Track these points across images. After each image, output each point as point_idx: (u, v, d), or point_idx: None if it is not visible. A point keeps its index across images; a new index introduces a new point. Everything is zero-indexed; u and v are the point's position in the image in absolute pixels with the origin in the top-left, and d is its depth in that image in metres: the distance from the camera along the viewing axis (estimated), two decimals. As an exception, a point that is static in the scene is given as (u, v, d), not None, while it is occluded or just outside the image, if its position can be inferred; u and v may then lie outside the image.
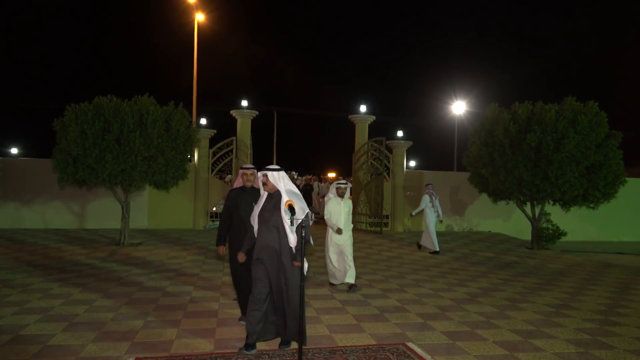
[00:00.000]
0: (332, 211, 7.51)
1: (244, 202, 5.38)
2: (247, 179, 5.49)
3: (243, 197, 5.43)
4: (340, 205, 7.54)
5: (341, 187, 7.60)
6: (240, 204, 5.38)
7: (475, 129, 13.15)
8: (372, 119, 16.59)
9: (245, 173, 5.51)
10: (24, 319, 5.60)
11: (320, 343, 4.92)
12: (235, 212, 5.41)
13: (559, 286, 8.26)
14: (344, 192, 7.61)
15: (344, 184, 7.63)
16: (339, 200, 7.56)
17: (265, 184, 4.59)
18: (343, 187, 7.61)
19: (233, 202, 5.47)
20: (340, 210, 7.52)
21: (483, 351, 4.83)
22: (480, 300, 7.01)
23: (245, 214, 5.16)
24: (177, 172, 11.35)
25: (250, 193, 5.43)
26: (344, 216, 7.51)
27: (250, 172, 5.52)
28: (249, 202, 5.28)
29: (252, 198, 5.23)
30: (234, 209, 5.45)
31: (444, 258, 10.98)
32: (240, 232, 5.25)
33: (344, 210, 7.54)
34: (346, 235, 7.50)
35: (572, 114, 11.53)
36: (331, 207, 7.54)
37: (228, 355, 4.53)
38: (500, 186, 12.25)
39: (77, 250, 10.60)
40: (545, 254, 12.19)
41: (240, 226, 5.30)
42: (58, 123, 10.93)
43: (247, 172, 5.51)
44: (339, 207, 7.53)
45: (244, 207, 5.33)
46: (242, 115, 15.61)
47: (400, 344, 4.95)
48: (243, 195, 5.45)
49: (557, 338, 5.32)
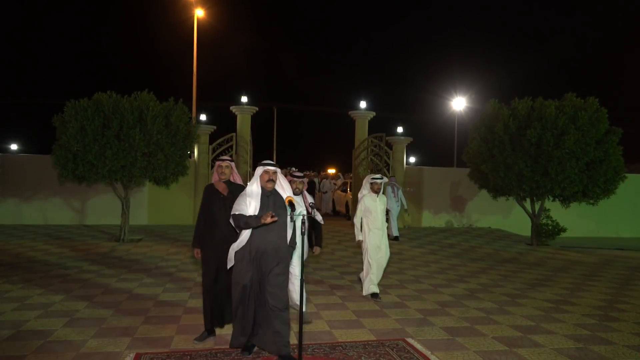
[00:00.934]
0: (369, 208, 6.75)
1: (218, 199, 4.87)
2: (222, 172, 4.91)
3: (218, 193, 4.90)
4: (376, 202, 6.78)
5: (377, 183, 6.80)
6: (215, 202, 4.86)
7: (475, 125, 13.14)
8: (372, 115, 16.58)
9: (221, 165, 4.92)
10: (25, 314, 5.62)
11: (320, 339, 4.94)
12: (209, 209, 4.91)
13: (559, 282, 8.27)
14: (380, 187, 6.83)
15: (379, 178, 6.81)
16: (374, 197, 6.79)
17: (273, 181, 4.30)
18: (379, 182, 6.80)
19: (208, 199, 4.94)
20: (376, 207, 6.76)
21: (482, 347, 4.84)
22: (480, 296, 7.02)
23: (219, 212, 4.80)
24: (177, 168, 11.35)
25: (227, 188, 4.93)
26: (380, 214, 6.78)
27: (226, 165, 4.94)
28: (225, 199, 4.85)
29: (229, 195, 4.82)
30: (208, 207, 4.94)
31: (444, 254, 11.00)
32: (213, 231, 4.82)
33: (380, 208, 6.80)
34: (384, 237, 6.84)
35: (572, 110, 11.51)
36: (367, 203, 6.77)
37: (228, 351, 4.54)
38: (500, 182, 12.25)
39: (77, 247, 10.61)
40: (544, 250, 12.21)
41: (213, 225, 4.83)
42: (58, 119, 10.93)
43: (223, 165, 4.92)
44: (374, 205, 6.77)
45: (218, 204, 4.84)
46: (242, 111, 15.60)
47: (400, 340, 4.96)
48: (217, 192, 4.91)
49: (556, 334, 5.33)
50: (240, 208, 4.21)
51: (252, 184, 4.32)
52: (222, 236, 4.74)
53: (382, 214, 6.80)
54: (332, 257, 10.05)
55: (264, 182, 4.28)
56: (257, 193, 4.28)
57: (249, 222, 4.12)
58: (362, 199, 6.83)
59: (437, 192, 16.57)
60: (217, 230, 4.78)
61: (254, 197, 4.26)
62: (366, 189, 6.88)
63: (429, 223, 16.47)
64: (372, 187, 6.82)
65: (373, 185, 6.81)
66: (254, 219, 4.10)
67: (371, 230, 6.74)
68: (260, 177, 4.29)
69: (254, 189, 4.30)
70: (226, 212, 4.66)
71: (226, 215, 4.63)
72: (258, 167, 4.36)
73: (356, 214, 6.88)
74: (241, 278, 4.24)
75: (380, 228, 6.74)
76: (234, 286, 4.30)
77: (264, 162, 4.37)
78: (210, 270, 4.82)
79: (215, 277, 4.81)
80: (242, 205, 4.22)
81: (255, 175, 4.36)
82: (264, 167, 4.30)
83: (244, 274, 4.24)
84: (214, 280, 4.81)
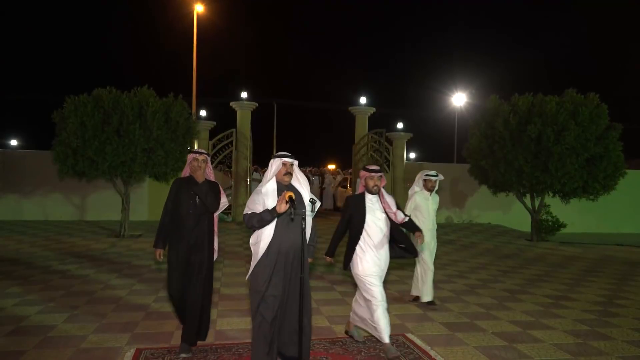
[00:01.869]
0: (420, 207, 6.09)
1: (190, 195, 4.35)
2: (198, 166, 4.36)
3: (187, 189, 4.37)
4: (428, 201, 6.12)
5: (431, 180, 6.11)
6: (187, 198, 4.34)
7: (475, 121, 13.14)
8: (372, 111, 16.56)
9: (197, 159, 4.37)
10: (25, 310, 5.63)
11: (320, 334, 4.95)
12: (179, 206, 4.36)
13: (558, 278, 8.28)
14: (435, 185, 6.16)
15: (434, 175, 6.12)
16: (426, 195, 6.13)
17: (291, 174, 3.86)
18: (434, 179, 6.12)
19: (179, 194, 4.38)
20: (428, 206, 6.11)
21: (482, 342, 4.85)
22: (480, 292, 7.03)
23: (192, 210, 4.31)
24: (177, 164, 11.34)
25: (198, 185, 4.36)
26: (431, 214, 6.15)
27: (203, 159, 4.38)
28: (193, 195, 4.34)
29: (200, 191, 4.32)
30: (178, 203, 4.37)
31: (444, 249, 11.01)
32: (182, 232, 4.32)
33: (432, 208, 6.17)
34: (433, 240, 6.25)
35: (572, 105, 11.51)
36: (419, 201, 6.11)
37: (228, 346, 4.55)
38: (500, 178, 12.25)
39: (77, 242, 10.62)
40: (544, 246, 12.22)
41: (180, 225, 4.33)
42: (57, 115, 10.92)
43: (199, 158, 4.36)
44: (426, 203, 6.11)
45: (190, 201, 4.33)
46: (242, 107, 15.57)
47: (400, 335, 4.97)
48: (188, 187, 4.38)
49: (555, 329, 5.34)
50: (255, 207, 3.74)
51: (267, 180, 3.84)
52: (192, 238, 4.31)
53: (433, 214, 6.19)
54: (332, 253, 10.03)
55: (280, 176, 3.83)
56: (273, 189, 3.80)
57: (263, 218, 3.67)
58: (413, 196, 6.19)
59: (437, 188, 16.55)
60: (186, 231, 4.30)
61: (269, 194, 3.77)
62: (418, 186, 6.22)
63: (429, 219, 16.44)
64: (425, 185, 6.17)
65: (427, 183, 6.15)
66: (267, 213, 3.66)
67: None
68: (278, 170, 3.84)
69: (269, 185, 3.82)
70: (198, 211, 4.32)
71: (199, 214, 4.32)
72: (274, 160, 3.87)
73: (406, 211, 5.95)
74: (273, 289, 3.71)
75: (430, 229, 6.11)
76: (257, 297, 3.73)
77: (280, 153, 3.91)
78: (178, 278, 4.31)
79: (182, 285, 4.30)
80: (257, 205, 3.74)
81: (270, 169, 3.87)
82: (281, 159, 3.84)
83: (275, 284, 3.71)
84: (182, 289, 4.31)
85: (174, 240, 4.36)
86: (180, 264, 4.31)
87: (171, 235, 4.38)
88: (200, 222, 4.36)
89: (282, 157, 3.86)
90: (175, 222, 4.36)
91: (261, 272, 3.71)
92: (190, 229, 4.32)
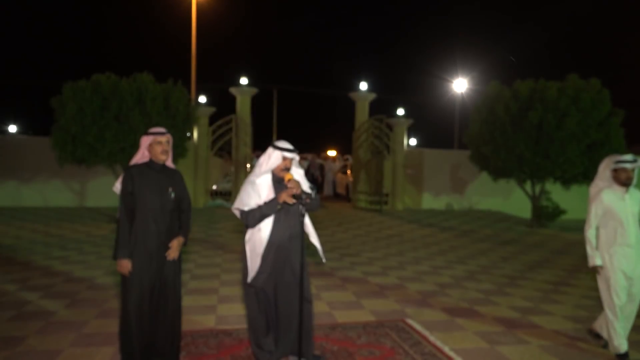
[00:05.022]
0: (612, 211, 4.12)
1: (155, 186, 3.57)
2: (163, 150, 3.60)
3: (151, 179, 3.57)
4: (624, 202, 4.13)
5: (626, 169, 4.09)
6: (145, 191, 3.53)
7: (476, 107, 13.09)
8: (372, 97, 16.49)
9: (160, 142, 3.58)
10: (27, 295, 5.65)
11: (320, 320, 4.97)
12: (141, 202, 3.51)
13: (558, 264, 8.32)
14: (632, 177, 4.12)
15: (631, 161, 4.06)
16: (619, 193, 4.15)
17: (289, 168, 3.60)
18: (629, 167, 4.08)
19: (136, 187, 3.52)
20: (625, 209, 4.11)
21: (481, 327, 4.89)
22: (479, 278, 7.07)
23: (156, 204, 3.55)
24: (177, 151, 11.33)
25: (163, 172, 3.65)
26: (631, 221, 4.11)
27: (167, 139, 3.63)
28: (162, 186, 3.60)
29: (167, 181, 3.64)
30: (139, 198, 3.51)
31: (444, 236, 11.04)
32: (149, 232, 3.51)
33: (632, 211, 4.14)
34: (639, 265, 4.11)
35: (574, 91, 11.45)
36: (608, 202, 4.14)
37: (229, 331, 4.58)
38: (500, 164, 12.24)
39: (78, 228, 10.64)
40: (544, 232, 12.25)
41: (149, 224, 3.51)
42: (56, 100, 10.88)
43: (162, 140, 3.59)
44: (622, 205, 4.12)
45: (156, 193, 3.56)
46: (242, 93, 15.50)
47: (400, 320, 5.00)
48: (150, 177, 3.57)
49: (555, 314, 5.37)
50: (250, 202, 3.52)
51: (263, 172, 3.59)
52: (159, 241, 3.56)
53: (635, 221, 4.14)
54: (332, 239, 10.09)
55: (278, 170, 3.59)
56: (268, 179, 3.60)
57: (264, 213, 3.49)
58: (597, 195, 4.21)
59: (438, 174, 16.56)
60: (150, 234, 3.52)
61: (265, 185, 3.57)
62: (604, 179, 4.26)
63: (429, 205, 16.50)
64: (616, 177, 4.15)
65: (619, 174, 4.13)
66: (268, 206, 3.48)
67: (616, 247, 4.11)
68: (276, 164, 3.59)
69: (265, 176, 3.59)
70: (166, 206, 3.60)
71: (170, 210, 3.63)
72: (274, 151, 3.59)
73: (588, 221, 4.25)
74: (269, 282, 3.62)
75: (632, 245, 4.08)
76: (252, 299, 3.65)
77: (281, 145, 3.61)
78: (142, 292, 3.48)
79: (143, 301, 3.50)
80: (251, 199, 3.53)
81: (268, 160, 3.60)
82: (282, 153, 3.57)
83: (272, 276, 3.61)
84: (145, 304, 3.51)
85: (139, 248, 3.49)
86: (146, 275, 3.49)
87: (135, 240, 3.49)
88: (172, 222, 3.65)
89: (284, 150, 3.58)
90: (140, 223, 3.51)
91: (259, 269, 3.57)
92: (160, 231, 3.56)
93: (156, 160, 3.61)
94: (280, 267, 3.62)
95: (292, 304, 3.61)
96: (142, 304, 3.49)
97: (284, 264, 3.63)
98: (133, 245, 3.48)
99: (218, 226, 11.32)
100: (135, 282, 3.47)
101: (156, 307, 3.56)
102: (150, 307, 3.53)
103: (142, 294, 3.48)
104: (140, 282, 3.48)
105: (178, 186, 3.70)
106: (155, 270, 3.53)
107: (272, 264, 3.59)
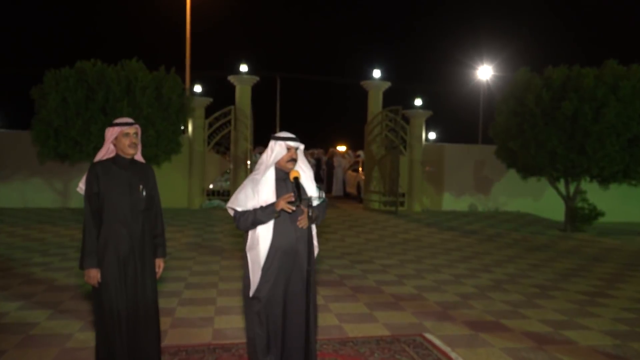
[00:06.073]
0: None
1: (124, 184, 3.52)
2: (131, 143, 3.53)
3: (119, 176, 3.52)
4: None
5: None
6: (113, 190, 3.48)
7: (503, 97, 13.04)
8: (387, 86, 16.47)
9: (127, 133, 3.52)
10: (5, 306, 5.69)
11: (329, 334, 4.98)
12: (109, 203, 3.45)
13: (595, 272, 8.28)
14: None
15: None
16: None
17: (295, 160, 3.53)
18: None
19: (102, 186, 3.46)
20: None
21: (509, 343, 4.87)
22: (507, 288, 7.05)
23: (126, 205, 3.49)
24: (170, 145, 11.39)
25: (132, 168, 3.61)
26: None
27: (134, 131, 3.57)
28: (132, 184, 3.55)
29: (137, 178, 3.60)
30: (106, 199, 3.46)
31: (467, 241, 11.01)
32: (120, 237, 3.45)
33: None
34: None
35: (613, 79, 11.36)
36: None
37: (227, 346, 4.60)
38: (530, 161, 12.18)
39: (60, 232, 10.72)
40: (580, 237, 12.19)
41: (118, 228, 3.46)
42: (36, 90, 10.96)
43: (130, 131, 3.53)
44: None
45: (125, 193, 3.51)
46: (241, 82, 15.53)
47: (418, 335, 5.00)
48: (118, 174, 3.52)
49: (591, 329, 5.35)
50: (246, 203, 3.44)
51: (266, 167, 3.52)
52: (131, 245, 3.50)
53: None
54: (342, 245, 10.09)
55: (283, 163, 3.49)
56: (271, 177, 3.51)
57: (259, 219, 3.41)
58: None
59: (460, 172, 16.51)
60: (121, 239, 3.46)
61: (267, 183, 3.49)
62: None
63: (450, 206, 16.46)
64: None
65: None
66: (264, 213, 3.40)
67: None
68: (280, 156, 3.49)
69: (268, 172, 3.51)
70: (137, 206, 3.54)
71: (139, 211, 3.55)
72: (275, 142, 3.51)
73: None
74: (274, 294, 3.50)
75: None
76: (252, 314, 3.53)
77: (282, 135, 3.55)
78: (117, 304, 3.43)
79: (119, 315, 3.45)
80: (248, 200, 3.45)
81: (270, 154, 3.52)
82: (285, 142, 3.48)
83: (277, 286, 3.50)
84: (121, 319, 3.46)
85: (109, 255, 3.43)
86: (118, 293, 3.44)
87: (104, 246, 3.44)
88: (145, 224, 3.59)
89: (286, 139, 3.49)
90: (109, 227, 3.45)
91: (263, 278, 3.47)
92: (132, 235, 3.50)
93: (123, 154, 3.55)
94: (287, 275, 3.52)
95: (302, 314, 3.51)
96: (119, 318, 3.43)
97: (291, 270, 3.52)
98: (102, 252, 3.42)
99: (215, 229, 11.36)
100: (106, 294, 3.42)
101: (134, 321, 3.51)
102: (128, 323, 3.47)
103: (116, 306, 3.42)
104: (112, 294, 3.42)
105: (149, 183, 3.66)
106: (130, 279, 3.48)
107: (278, 271, 3.49)
